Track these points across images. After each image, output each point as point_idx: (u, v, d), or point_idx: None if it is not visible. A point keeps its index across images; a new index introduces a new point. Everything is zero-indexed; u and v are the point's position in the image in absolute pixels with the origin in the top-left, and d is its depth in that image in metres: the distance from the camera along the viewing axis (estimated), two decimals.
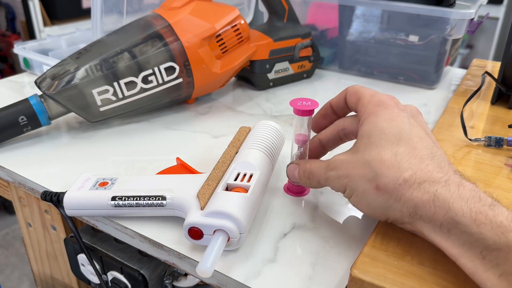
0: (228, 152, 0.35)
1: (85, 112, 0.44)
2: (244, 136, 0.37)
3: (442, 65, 0.58)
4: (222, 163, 0.33)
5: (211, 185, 0.31)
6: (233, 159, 0.34)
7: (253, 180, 0.31)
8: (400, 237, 0.28)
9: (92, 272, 0.40)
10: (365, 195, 0.26)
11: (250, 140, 0.35)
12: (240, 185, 0.30)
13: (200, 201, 0.29)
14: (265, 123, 0.37)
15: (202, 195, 0.30)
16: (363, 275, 0.25)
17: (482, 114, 0.48)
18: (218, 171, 0.32)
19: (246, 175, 0.31)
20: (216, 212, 0.27)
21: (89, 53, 0.44)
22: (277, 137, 0.37)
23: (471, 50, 2.05)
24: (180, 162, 0.36)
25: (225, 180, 0.31)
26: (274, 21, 0.59)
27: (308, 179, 0.31)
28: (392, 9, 0.57)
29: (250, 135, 0.36)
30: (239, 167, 0.32)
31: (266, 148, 0.34)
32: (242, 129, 0.38)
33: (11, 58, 1.69)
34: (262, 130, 0.36)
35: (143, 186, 0.31)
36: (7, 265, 1.29)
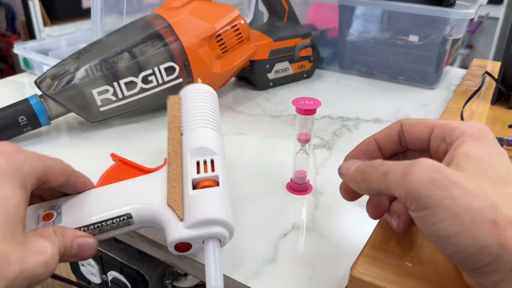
0: (174, 137, 0.31)
1: (85, 112, 0.44)
2: (178, 111, 0.33)
3: (442, 65, 0.58)
4: (174, 153, 0.29)
5: (176, 186, 0.27)
6: (182, 144, 0.30)
7: (217, 167, 0.28)
8: (400, 237, 0.28)
9: (92, 272, 0.40)
10: (473, 227, 0.20)
11: (189, 115, 0.31)
12: (207, 177, 0.27)
13: (176, 211, 0.26)
14: (195, 89, 0.34)
15: (174, 202, 0.26)
16: (363, 275, 0.25)
17: (482, 114, 0.48)
18: (175, 166, 0.28)
19: (207, 163, 0.28)
20: (200, 221, 0.25)
21: (89, 53, 0.44)
22: (215, 103, 0.34)
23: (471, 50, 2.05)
24: (118, 158, 0.31)
25: (188, 176, 0.27)
26: (274, 21, 0.59)
27: (368, 181, 0.24)
28: (392, 9, 0.57)
29: (187, 109, 0.32)
30: (196, 155, 0.28)
31: (211, 122, 0.31)
32: (172, 101, 0.34)
33: (11, 58, 1.69)
34: (197, 99, 0.33)
35: (97, 206, 0.27)
36: None
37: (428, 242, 0.27)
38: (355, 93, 0.58)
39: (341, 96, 0.58)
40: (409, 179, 0.21)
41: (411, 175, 0.21)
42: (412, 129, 0.26)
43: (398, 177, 0.21)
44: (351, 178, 0.25)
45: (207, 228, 0.25)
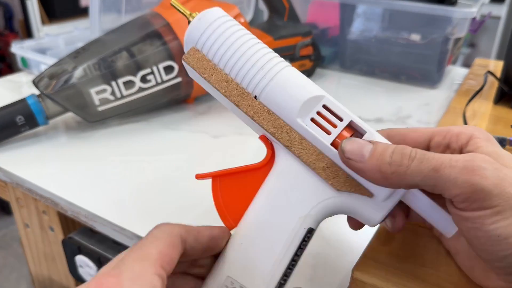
0: (253, 108, 0.22)
1: (83, 111, 0.44)
2: (219, 70, 0.23)
3: (444, 64, 0.58)
4: (279, 129, 0.22)
5: (326, 165, 0.22)
6: (272, 111, 0.22)
7: (336, 107, 0.22)
8: (402, 239, 0.28)
9: (90, 274, 0.39)
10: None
11: (246, 65, 0.22)
12: (340, 129, 0.22)
13: (357, 191, 0.22)
14: (212, 24, 0.23)
15: (345, 183, 0.22)
16: (364, 276, 0.25)
17: (485, 113, 0.48)
18: (297, 142, 0.22)
19: (323, 113, 0.22)
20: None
21: (87, 52, 0.44)
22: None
23: (473, 49, 2.05)
24: (209, 176, 0.23)
25: (324, 145, 0.22)
26: (275, 19, 0.59)
27: (404, 175, 0.20)
28: (394, 7, 0.56)
29: (233, 59, 0.23)
30: (306, 113, 0.22)
31: (276, 57, 0.23)
32: (194, 60, 0.23)
33: (9, 57, 1.69)
34: (231, 38, 0.23)
35: (264, 251, 0.22)
36: (5, 266, 1.29)
37: (430, 243, 0.27)
38: (356, 92, 0.58)
39: (342, 95, 0.58)
40: (476, 177, 0.19)
41: (478, 173, 0.19)
42: (404, 138, 0.24)
43: (457, 173, 0.19)
44: (371, 167, 0.20)
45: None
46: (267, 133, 0.22)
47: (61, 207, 0.36)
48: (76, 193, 0.36)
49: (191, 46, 0.23)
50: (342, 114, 0.22)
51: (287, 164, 0.22)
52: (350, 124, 0.22)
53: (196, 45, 0.23)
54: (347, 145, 0.21)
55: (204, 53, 0.23)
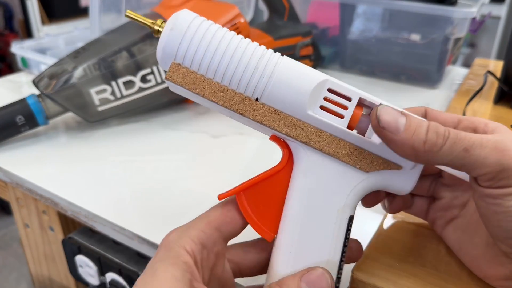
0: (259, 113, 0.21)
1: (83, 111, 0.44)
2: (209, 81, 0.21)
3: (444, 64, 0.58)
4: (292, 127, 0.21)
5: (349, 151, 0.21)
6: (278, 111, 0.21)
7: (340, 87, 0.21)
8: (402, 239, 0.28)
9: (90, 274, 0.39)
10: None
11: (238, 69, 0.21)
12: (350, 110, 0.21)
13: (387, 167, 0.21)
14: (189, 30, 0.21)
15: (372, 163, 0.21)
16: (364, 277, 0.25)
17: (485, 113, 0.48)
18: (315, 135, 0.21)
19: (328, 98, 0.21)
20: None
21: (87, 52, 0.44)
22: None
23: (473, 49, 2.05)
24: (233, 192, 0.22)
25: (339, 130, 0.21)
26: (275, 19, 0.59)
27: (436, 154, 0.20)
28: (394, 7, 0.56)
29: (223, 63, 0.21)
30: (312, 103, 0.21)
31: (266, 52, 0.22)
32: (176, 77, 0.21)
33: (9, 57, 1.69)
34: (214, 42, 0.21)
35: (314, 248, 0.21)
36: (5, 266, 1.29)
37: (430, 243, 0.27)
38: None
39: None
40: (506, 158, 0.19)
41: (508, 153, 0.20)
42: (437, 116, 0.24)
43: (487, 153, 0.20)
44: (405, 141, 0.20)
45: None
46: (280, 134, 0.21)
47: (61, 207, 0.36)
48: (76, 193, 0.36)
49: (170, 62, 0.21)
50: (349, 94, 0.21)
51: (310, 160, 0.21)
52: (360, 101, 0.21)
53: (176, 59, 0.20)
54: (382, 113, 0.20)
55: (187, 66, 0.20)
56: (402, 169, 0.21)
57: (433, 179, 0.27)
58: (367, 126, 0.21)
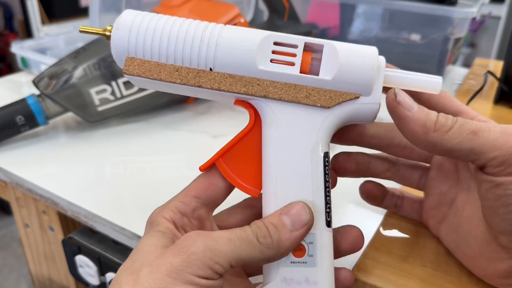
0: (214, 80, 0.22)
1: (83, 111, 0.44)
2: (164, 65, 0.22)
3: (444, 64, 0.58)
4: (249, 85, 0.22)
5: (309, 92, 0.22)
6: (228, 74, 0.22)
7: (289, 37, 0.23)
8: (402, 239, 0.28)
9: (90, 274, 0.39)
10: None
11: (187, 48, 0.22)
12: (302, 51, 0.22)
13: (346, 98, 0.22)
14: (140, 28, 0.22)
15: (332, 98, 0.22)
16: (365, 276, 0.25)
17: (485, 113, 0.48)
18: (277, 88, 0.22)
19: (278, 49, 0.22)
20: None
21: (87, 52, 0.44)
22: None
23: (474, 49, 2.05)
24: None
25: (295, 75, 0.22)
26: (275, 19, 0.59)
27: (445, 135, 0.20)
28: (394, 7, 0.56)
29: (177, 49, 0.22)
30: (263, 55, 0.22)
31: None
32: (133, 69, 0.22)
33: (9, 57, 1.68)
34: (165, 29, 0.22)
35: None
36: (5, 266, 1.29)
37: (430, 243, 0.27)
38: None
39: None
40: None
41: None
42: (436, 100, 0.24)
43: (496, 137, 0.20)
44: (417, 119, 0.21)
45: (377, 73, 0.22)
46: (239, 95, 0.22)
47: (61, 207, 0.36)
48: (76, 193, 0.36)
49: (124, 58, 0.23)
50: (294, 41, 0.22)
51: (274, 111, 0.22)
52: (306, 46, 0.22)
53: (129, 54, 0.22)
54: (399, 92, 0.22)
55: (140, 57, 0.22)
56: (361, 97, 0.22)
57: (422, 173, 0.27)
58: (319, 67, 0.22)
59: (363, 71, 0.22)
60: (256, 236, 0.20)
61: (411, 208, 0.29)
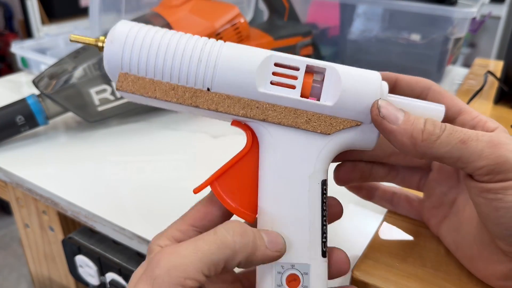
0: (213, 102, 0.21)
1: (83, 111, 0.44)
2: (158, 82, 0.21)
3: (444, 64, 0.58)
4: (247, 107, 0.21)
5: (307, 118, 0.21)
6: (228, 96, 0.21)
7: (290, 60, 0.22)
8: (402, 239, 0.28)
9: (90, 274, 0.39)
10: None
11: (184, 66, 0.21)
12: (300, 79, 0.22)
13: (347, 126, 0.22)
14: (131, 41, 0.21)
15: (330, 126, 0.22)
16: (365, 277, 0.25)
17: (485, 113, 0.47)
18: (273, 111, 0.21)
19: (277, 72, 0.22)
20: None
21: (87, 52, 0.44)
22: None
23: (474, 49, 2.05)
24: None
25: (294, 99, 0.21)
26: (275, 19, 0.59)
27: (433, 144, 0.20)
28: (394, 7, 0.56)
29: (170, 66, 0.21)
30: (261, 78, 0.21)
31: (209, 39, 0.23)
32: (127, 84, 0.22)
33: (9, 57, 1.68)
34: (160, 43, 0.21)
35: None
36: (5, 266, 1.29)
37: (430, 243, 0.27)
38: None
39: None
40: (502, 150, 0.20)
41: (504, 146, 0.20)
42: (439, 100, 0.24)
43: (484, 147, 0.20)
44: (403, 131, 0.21)
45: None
46: (237, 117, 0.22)
47: (61, 207, 0.36)
48: (76, 193, 0.36)
49: (117, 73, 0.22)
50: (295, 63, 0.21)
51: (272, 135, 0.22)
52: (308, 68, 0.22)
53: (122, 70, 0.21)
54: (382, 105, 0.21)
55: (134, 73, 0.21)
56: (362, 124, 0.22)
57: (423, 174, 0.27)
58: (320, 90, 0.22)
59: (366, 98, 0.21)
60: (231, 235, 0.19)
61: (408, 206, 0.29)
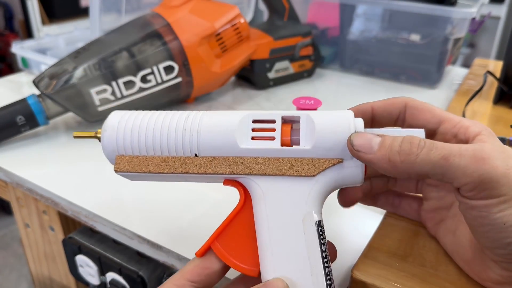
0: (201, 168, 0.23)
1: (83, 112, 0.44)
2: (151, 159, 0.24)
3: (443, 64, 0.58)
4: (233, 165, 0.23)
5: (291, 164, 0.22)
6: (216, 161, 0.23)
7: (267, 114, 0.23)
8: (402, 239, 0.28)
9: (91, 273, 0.40)
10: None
11: (172, 138, 0.23)
12: (277, 131, 0.23)
13: (327, 165, 0.22)
14: (122, 127, 0.24)
15: (313, 167, 0.22)
16: (364, 276, 0.25)
17: (484, 114, 0.48)
18: (255, 165, 0.23)
19: (256, 129, 0.23)
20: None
21: (88, 52, 0.44)
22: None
23: (473, 49, 2.05)
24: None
25: (275, 149, 0.22)
26: (274, 19, 0.59)
27: (414, 164, 0.20)
28: (394, 7, 0.56)
29: (157, 142, 0.23)
30: (245, 139, 0.23)
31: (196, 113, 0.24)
32: (122, 165, 0.24)
33: (9, 57, 1.68)
34: (148, 124, 0.24)
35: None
36: (5, 266, 1.29)
37: (430, 243, 0.27)
38: (356, 92, 0.58)
39: (342, 95, 0.58)
40: (486, 166, 0.19)
41: (489, 162, 0.19)
42: (417, 115, 0.24)
43: (467, 162, 0.19)
44: (380, 157, 0.21)
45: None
46: (225, 175, 0.23)
47: (61, 207, 0.36)
48: (76, 193, 0.36)
49: (113, 156, 0.24)
50: (272, 117, 0.23)
51: (261, 187, 0.23)
52: (284, 119, 0.23)
53: (118, 152, 0.24)
54: (355, 139, 0.21)
55: (129, 154, 0.24)
56: (344, 161, 0.22)
57: (419, 180, 0.28)
58: (299, 137, 0.23)
59: (341, 136, 0.22)
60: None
61: (409, 208, 0.29)
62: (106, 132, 0.24)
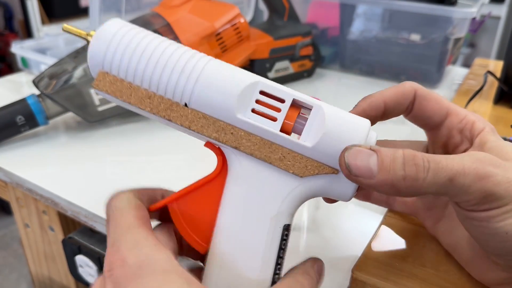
0: (187, 118, 0.20)
1: (83, 111, 0.44)
2: (136, 87, 0.20)
3: (444, 64, 0.58)
4: (221, 131, 0.20)
5: (283, 156, 0.20)
6: (205, 114, 0.20)
7: (274, 89, 0.20)
8: (402, 239, 0.28)
9: (90, 274, 0.40)
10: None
11: (165, 75, 0.20)
12: (284, 113, 0.20)
13: (320, 172, 0.20)
14: (114, 43, 0.20)
15: (305, 168, 0.20)
16: (364, 276, 0.25)
17: (485, 113, 0.48)
18: (245, 140, 0.20)
19: (261, 100, 0.20)
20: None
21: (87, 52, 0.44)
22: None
23: (473, 49, 2.05)
24: (163, 204, 0.21)
25: (272, 134, 0.20)
26: (274, 19, 0.59)
27: (420, 188, 0.19)
28: (394, 7, 0.56)
29: (149, 72, 0.20)
30: (243, 105, 0.20)
31: (199, 55, 0.21)
32: (103, 85, 0.21)
33: (9, 57, 1.69)
34: (142, 48, 0.20)
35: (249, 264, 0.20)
36: (5, 266, 1.29)
37: (430, 243, 0.27)
38: (356, 92, 0.58)
39: (342, 95, 0.58)
40: (489, 184, 0.19)
41: (491, 179, 0.19)
42: (425, 106, 0.23)
43: (471, 181, 0.19)
44: (383, 182, 0.19)
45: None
46: (210, 139, 0.20)
47: (61, 207, 0.36)
48: (76, 193, 0.36)
49: (97, 70, 0.21)
50: (282, 95, 0.20)
51: (242, 166, 0.20)
52: (294, 102, 0.20)
53: (103, 68, 0.20)
54: (350, 160, 0.19)
55: (114, 74, 0.20)
56: (339, 173, 0.20)
57: None
58: (302, 129, 0.20)
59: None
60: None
61: (403, 204, 0.29)
62: (98, 42, 0.20)
